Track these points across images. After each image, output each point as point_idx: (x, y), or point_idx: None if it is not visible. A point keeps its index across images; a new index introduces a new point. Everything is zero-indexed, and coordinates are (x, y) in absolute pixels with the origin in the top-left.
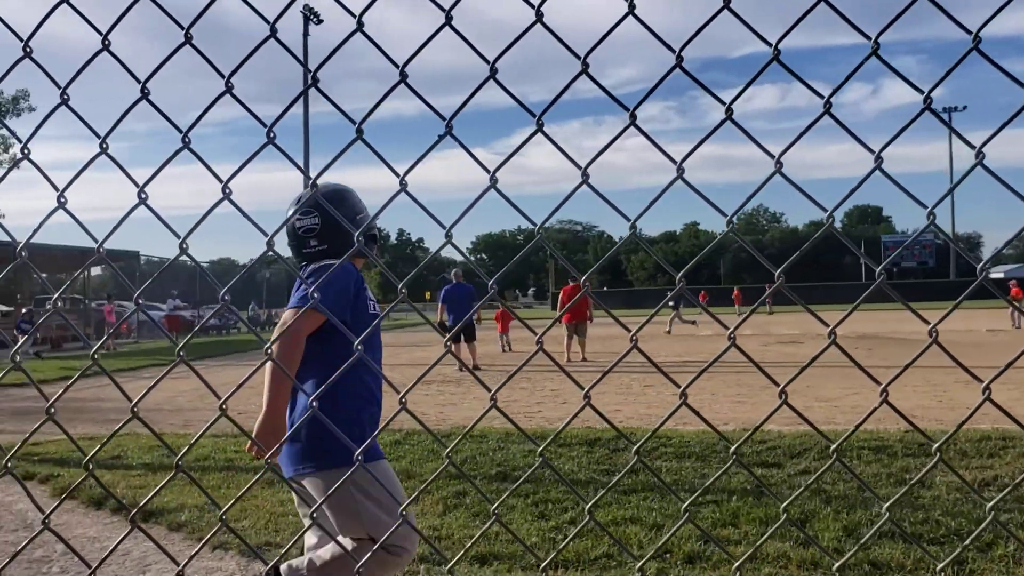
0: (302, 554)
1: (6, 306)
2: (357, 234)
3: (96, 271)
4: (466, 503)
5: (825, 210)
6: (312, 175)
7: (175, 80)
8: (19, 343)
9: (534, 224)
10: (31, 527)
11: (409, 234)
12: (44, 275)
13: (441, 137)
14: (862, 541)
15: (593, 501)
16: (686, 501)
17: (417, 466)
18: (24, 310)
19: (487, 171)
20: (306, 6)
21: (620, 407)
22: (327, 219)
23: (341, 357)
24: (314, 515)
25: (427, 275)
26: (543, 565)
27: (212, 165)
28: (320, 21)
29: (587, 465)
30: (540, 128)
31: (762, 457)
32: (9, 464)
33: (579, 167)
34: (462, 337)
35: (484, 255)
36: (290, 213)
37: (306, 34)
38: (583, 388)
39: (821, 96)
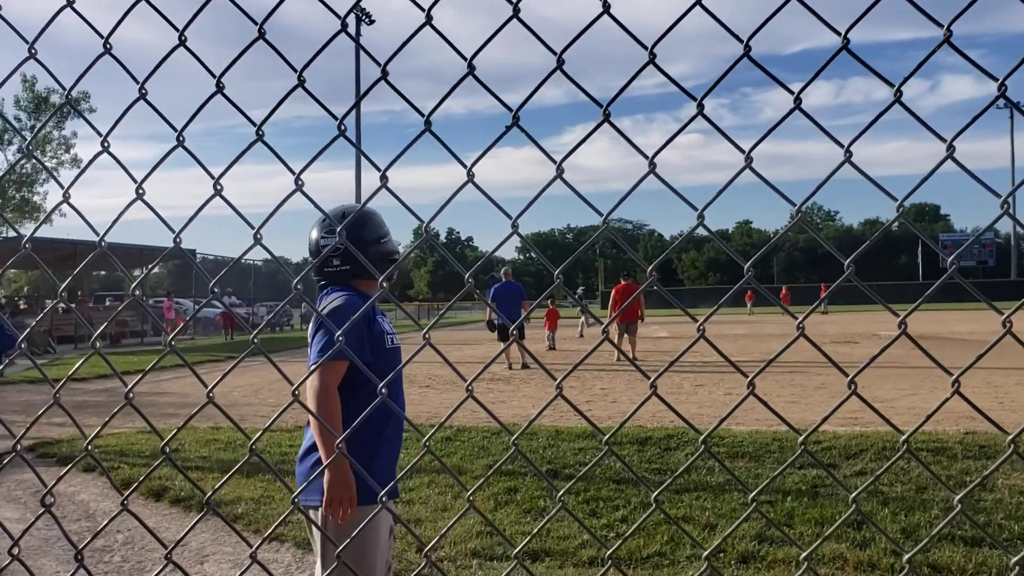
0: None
1: (66, 303)
2: (381, 279)
3: (155, 269)
4: (516, 499)
5: (895, 199)
6: (363, 173)
7: (230, 81)
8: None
9: (600, 213)
10: (93, 517)
11: (458, 232)
12: (103, 272)
13: (508, 128)
14: (933, 532)
15: (660, 489)
16: (752, 492)
17: (468, 462)
18: None
19: (553, 161)
20: (358, 6)
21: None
22: (351, 240)
23: (367, 392)
24: (339, 553)
25: (476, 274)
26: (609, 552)
27: (256, 164)
28: (372, 21)
29: (638, 464)
30: (607, 118)
31: (817, 457)
32: (89, 447)
33: (646, 156)
34: (508, 337)
35: (532, 254)
36: (313, 233)
37: (359, 34)
38: (648, 378)
39: (891, 84)
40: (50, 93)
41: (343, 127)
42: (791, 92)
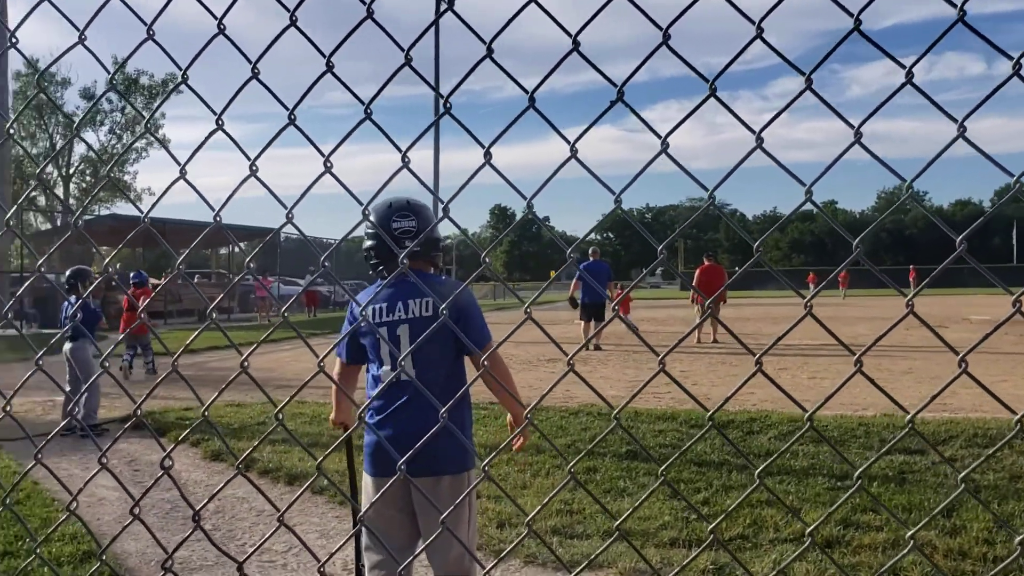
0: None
1: (156, 279)
2: (402, 256)
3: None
4: (596, 479)
5: (1011, 175)
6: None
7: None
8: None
9: (705, 188)
10: (185, 486)
11: (535, 212)
12: (185, 251)
13: (613, 103)
14: None
15: (763, 467)
16: (859, 468)
17: (545, 441)
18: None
19: (658, 136)
20: None
21: (754, 390)
22: (423, 224)
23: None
24: (444, 519)
25: (551, 253)
26: (712, 527)
27: (343, 143)
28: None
29: (719, 447)
30: (713, 93)
31: (904, 443)
32: (205, 414)
33: (753, 131)
34: (592, 316)
35: (611, 234)
36: (375, 219)
37: (439, 13)
38: (754, 354)
39: (1011, 57)
40: (139, 75)
41: (448, 105)
42: (903, 66)
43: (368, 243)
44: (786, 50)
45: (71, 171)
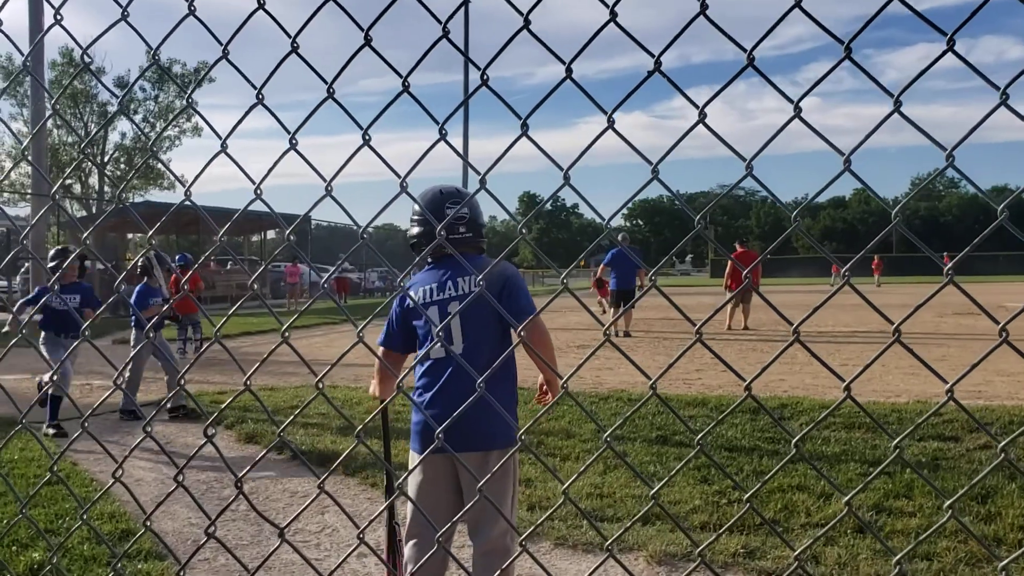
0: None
1: (244, 268)
2: (439, 227)
3: (271, 234)
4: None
5: None
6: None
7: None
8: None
9: (744, 158)
10: (222, 467)
11: (563, 199)
12: (224, 237)
13: (650, 74)
14: None
15: (801, 435)
16: (895, 440)
17: (576, 426)
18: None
19: (695, 106)
20: None
21: (784, 377)
22: (473, 211)
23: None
24: (483, 490)
25: (580, 241)
26: (748, 495)
27: (380, 133)
28: None
29: (751, 433)
30: (751, 63)
31: (938, 430)
32: (247, 383)
33: (790, 100)
34: (621, 303)
35: (640, 221)
36: (424, 202)
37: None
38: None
39: None
40: (172, 63)
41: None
42: (943, 33)
43: (416, 229)
44: (820, 33)
45: (105, 159)
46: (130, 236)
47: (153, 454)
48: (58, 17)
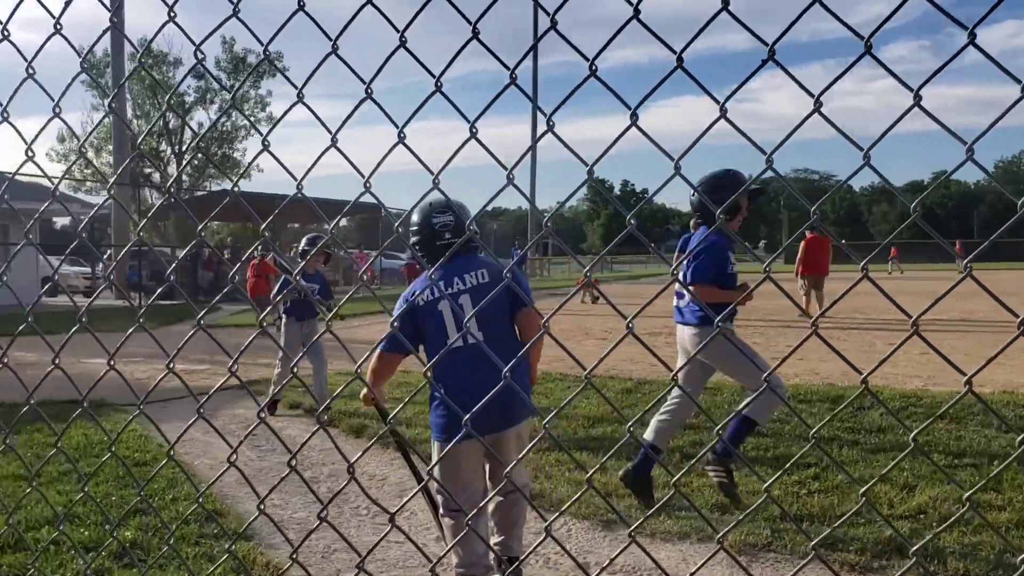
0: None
1: (337, 254)
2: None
3: (343, 222)
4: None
5: None
6: (539, 123)
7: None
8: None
9: (855, 146)
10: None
11: (633, 185)
12: (296, 225)
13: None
14: None
15: (918, 430)
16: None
17: (649, 415)
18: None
19: (810, 95)
20: None
21: (861, 366)
22: (460, 218)
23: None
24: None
25: (650, 227)
26: (864, 490)
27: (433, 120)
28: None
29: (829, 423)
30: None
31: None
32: (357, 370)
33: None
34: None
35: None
36: (416, 217)
37: None
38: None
39: None
40: (247, 54)
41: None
42: None
43: (413, 238)
44: (899, 14)
45: (183, 148)
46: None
47: (234, 438)
48: (114, 20)
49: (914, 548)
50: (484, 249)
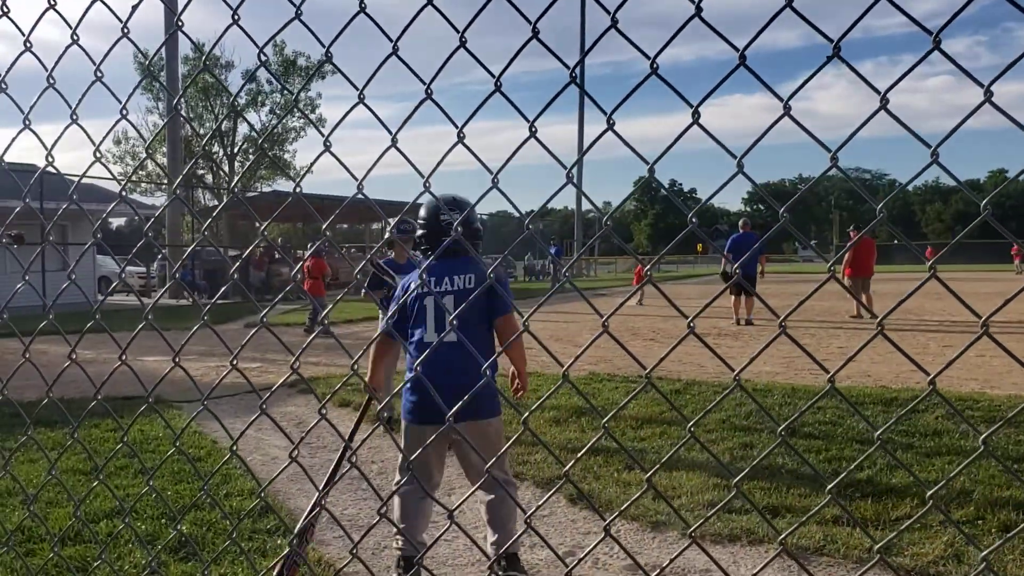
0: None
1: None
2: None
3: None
4: (753, 455)
5: None
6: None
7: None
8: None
9: (927, 143)
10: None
11: (681, 184)
12: (344, 225)
13: (831, 55)
14: None
15: (988, 432)
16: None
17: (706, 419)
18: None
19: (877, 92)
20: None
21: (915, 369)
22: (465, 217)
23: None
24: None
25: (699, 226)
26: (931, 492)
27: (484, 121)
28: None
29: (882, 425)
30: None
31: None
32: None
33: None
34: (741, 290)
35: (761, 206)
36: (423, 212)
37: None
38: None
39: None
40: (297, 56)
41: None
42: None
43: (419, 232)
44: (955, 7)
45: (235, 150)
46: (258, 225)
47: (285, 426)
48: (179, 24)
49: (984, 553)
50: (473, 252)
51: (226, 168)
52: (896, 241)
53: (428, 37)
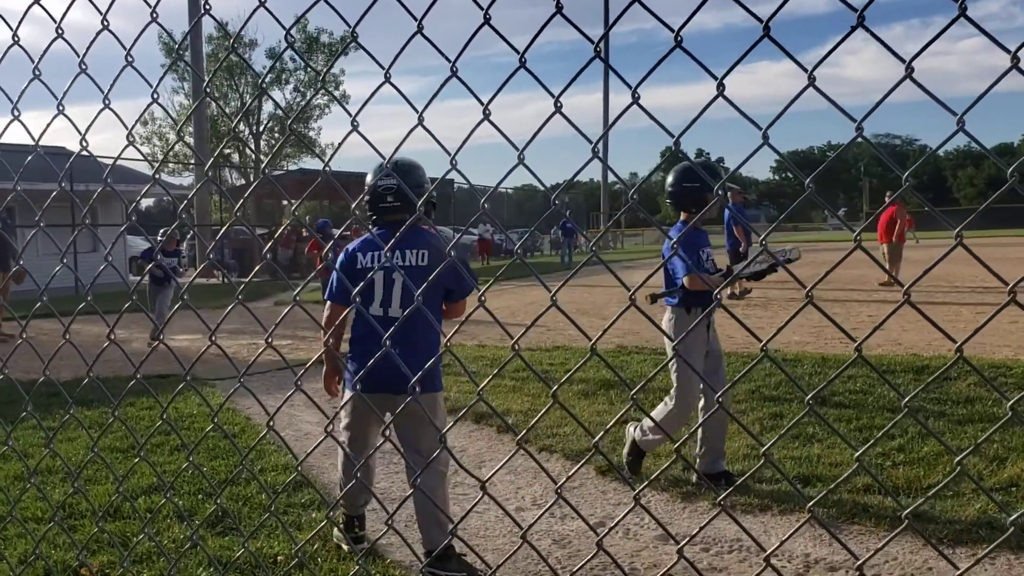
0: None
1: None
2: (419, 203)
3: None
4: (782, 424)
5: None
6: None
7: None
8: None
9: (952, 110)
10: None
11: (708, 153)
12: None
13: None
14: None
15: (1016, 398)
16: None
17: (732, 389)
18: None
19: (902, 60)
20: None
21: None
22: (407, 182)
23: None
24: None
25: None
26: (960, 457)
27: (507, 95)
28: None
29: (916, 393)
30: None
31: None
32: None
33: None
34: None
35: (789, 174)
36: (369, 178)
37: None
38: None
39: None
40: (320, 33)
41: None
42: None
43: (365, 198)
44: None
45: (261, 129)
46: (284, 203)
47: (317, 411)
48: (207, 7)
49: (1012, 517)
50: (431, 224)
51: (252, 146)
52: (925, 209)
53: (451, 8)
